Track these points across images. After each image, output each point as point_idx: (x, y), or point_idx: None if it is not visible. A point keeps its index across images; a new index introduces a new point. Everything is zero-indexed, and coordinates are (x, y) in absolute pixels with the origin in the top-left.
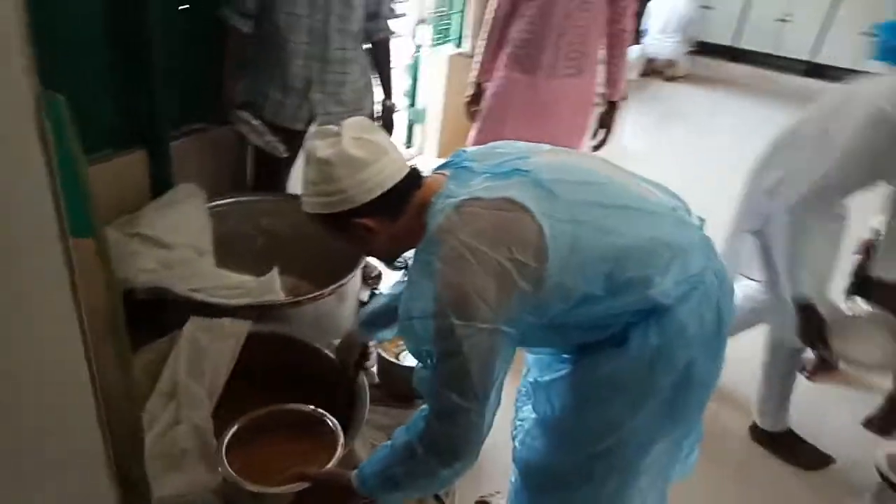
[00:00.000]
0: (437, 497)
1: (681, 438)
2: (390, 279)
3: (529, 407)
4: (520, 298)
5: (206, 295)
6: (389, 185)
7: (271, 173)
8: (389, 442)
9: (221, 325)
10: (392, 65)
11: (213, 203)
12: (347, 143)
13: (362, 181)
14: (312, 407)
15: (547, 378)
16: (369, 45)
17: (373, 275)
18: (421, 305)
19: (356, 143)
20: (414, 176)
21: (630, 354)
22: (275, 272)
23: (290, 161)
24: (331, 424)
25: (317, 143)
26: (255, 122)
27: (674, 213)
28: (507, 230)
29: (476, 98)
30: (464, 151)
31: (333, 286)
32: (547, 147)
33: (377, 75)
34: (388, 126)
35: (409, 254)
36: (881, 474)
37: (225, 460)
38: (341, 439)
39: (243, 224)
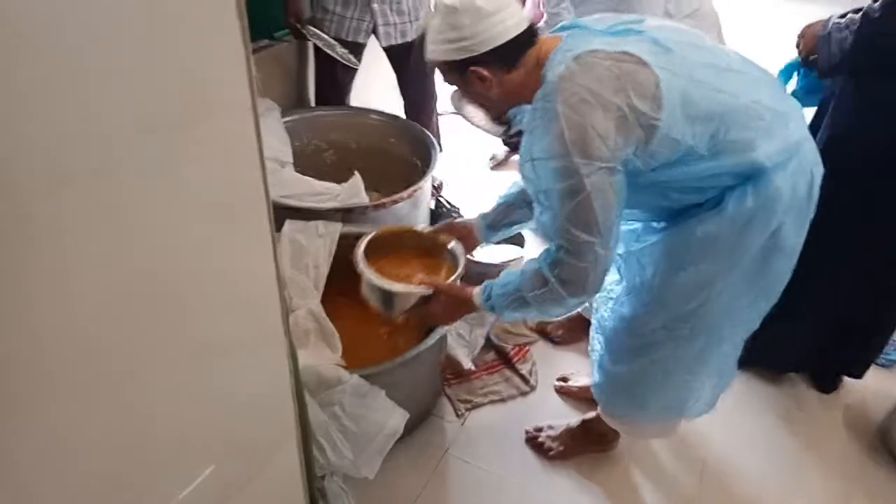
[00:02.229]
0: (521, 375)
1: (762, 309)
2: (454, 188)
3: (616, 278)
4: (634, 144)
5: (296, 201)
6: (508, 36)
7: (335, 87)
8: (519, 269)
9: (316, 226)
10: None
11: (285, 119)
12: None
13: (483, 30)
14: (436, 232)
15: (639, 246)
16: None
17: (435, 184)
18: (544, 146)
19: None
20: (531, 32)
21: (725, 216)
22: (358, 177)
23: (352, 75)
24: (453, 248)
25: None
26: (325, 36)
27: (775, 81)
28: (627, 78)
29: None
30: (577, 19)
31: (411, 188)
32: (648, 17)
33: None
34: None
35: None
36: None
37: (363, 259)
38: (462, 260)
39: (313, 138)
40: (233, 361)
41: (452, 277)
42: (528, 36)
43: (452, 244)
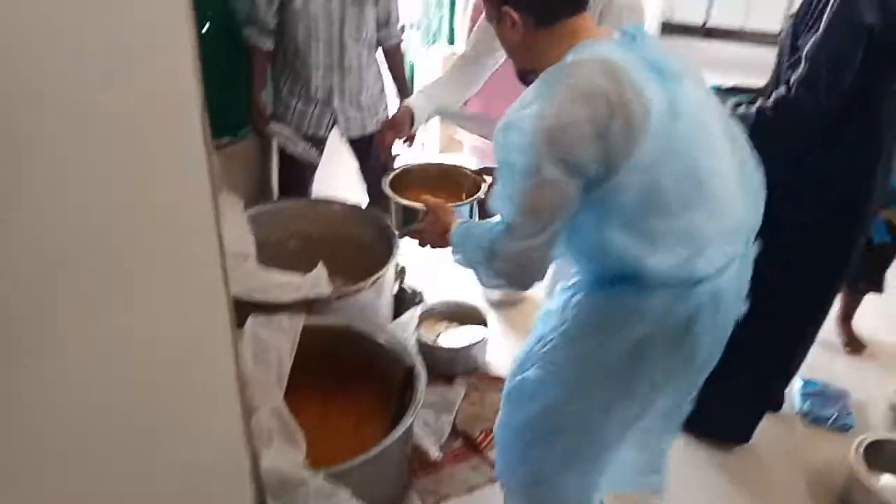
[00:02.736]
0: (490, 462)
1: (646, 415)
2: (416, 272)
3: None
4: (597, 162)
5: (259, 294)
6: None
7: (298, 180)
8: (490, 220)
9: (279, 320)
10: (404, 71)
11: (249, 211)
12: None
13: None
14: (470, 169)
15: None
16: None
17: (398, 270)
18: (524, 117)
19: None
20: (568, 6)
21: (603, 302)
22: (322, 267)
23: (314, 166)
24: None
25: None
26: (287, 132)
27: (746, 214)
28: (625, 103)
29: None
30: (643, 29)
31: (375, 276)
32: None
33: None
34: (409, 122)
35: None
36: None
37: (387, 180)
38: (481, 192)
39: (276, 229)
40: (189, 469)
41: (454, 204)
42: (574, 4)
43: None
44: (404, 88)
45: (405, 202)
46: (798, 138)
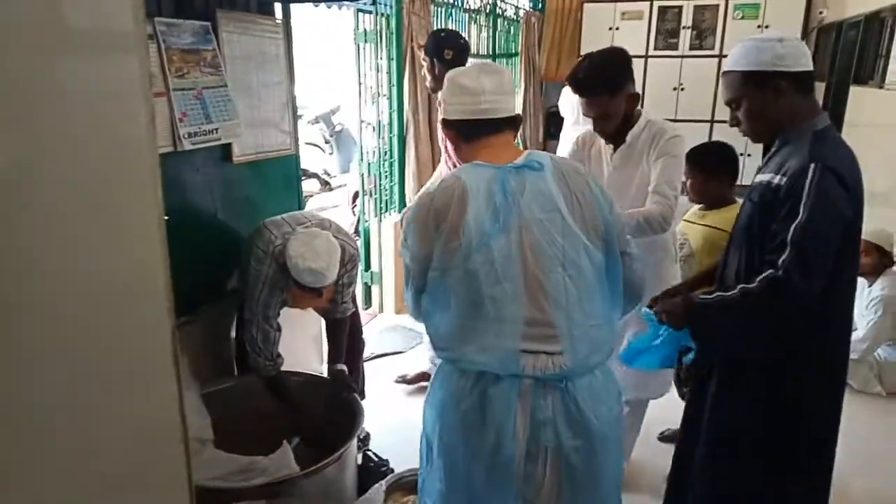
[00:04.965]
0: None
1: None
2: (380, 438)
3: None
4: (421, 251)
5: (221, 482)
6: (462, 117)
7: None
8: None
9: None
10: (344, 339)
11: (209, 389)
12: (482, 74)
13: (455, 102)
14: None
15: None
16: None
17: (361, 436)
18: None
19: (488, 75)
20: (489, 126)
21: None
22: (286, 446)
23: None
24: None
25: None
26: None
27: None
28: (446, 217)
29: None
30: (542, 160)
31: (339, 451)
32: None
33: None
34: (341, 387)
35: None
36: None
37: None
38: None
39: (236, 405)
40: None
41: None
42: (483, 129)
43: None
44: (338, 356)
45: None
46: (797, 317)
